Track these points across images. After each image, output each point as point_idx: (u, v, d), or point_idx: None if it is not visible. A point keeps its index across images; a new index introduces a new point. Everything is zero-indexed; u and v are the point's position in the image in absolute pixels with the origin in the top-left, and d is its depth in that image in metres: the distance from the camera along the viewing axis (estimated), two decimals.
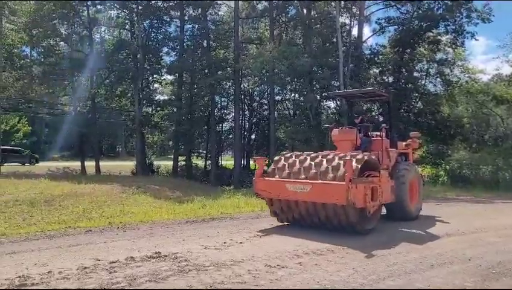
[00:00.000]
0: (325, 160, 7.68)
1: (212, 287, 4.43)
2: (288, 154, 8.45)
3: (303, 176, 7.62)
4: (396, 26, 26.85)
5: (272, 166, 8.35)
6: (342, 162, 7.32)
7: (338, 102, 25.84)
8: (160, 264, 5.27)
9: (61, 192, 13.49)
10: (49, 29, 26.50)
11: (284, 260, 5.61)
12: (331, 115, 27.00)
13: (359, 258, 5.84)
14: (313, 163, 7.78)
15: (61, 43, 29.78)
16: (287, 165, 8.11)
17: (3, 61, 25.32)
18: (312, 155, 8.10)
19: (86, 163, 26.39)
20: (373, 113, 24.77)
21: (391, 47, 27.67)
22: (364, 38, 28.46)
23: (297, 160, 8.08)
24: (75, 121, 27.58)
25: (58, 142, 36.43)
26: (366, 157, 7.50)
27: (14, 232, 7.77)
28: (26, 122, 36.75)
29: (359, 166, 7.22)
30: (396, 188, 8.49)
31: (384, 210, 8.95)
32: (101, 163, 27.78)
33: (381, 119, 20.95)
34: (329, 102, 28.39)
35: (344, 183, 6.80)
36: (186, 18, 29.68)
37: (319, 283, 4.71)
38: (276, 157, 8.55)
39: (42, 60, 28.27)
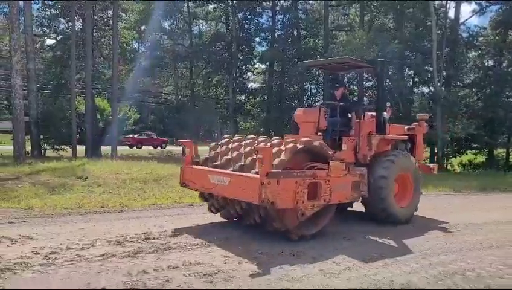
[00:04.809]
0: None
1: None
2: (225, 140, 6.98)
3: (230, 167, 6.25)
4: (498, 6, 25.21)
5: (208, 152, 7.07)
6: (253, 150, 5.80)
7: (431, 87, 25.17)
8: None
9: (167, 173, 15.41)
10: (155, 25, 29.45)
11: None
12: (423, 102, 26.24)
13: (421, 235, 6.52)
14: (242, 151, 6.36)
15: (165, 37, 32.79)
16: (221, 151, 6.73)
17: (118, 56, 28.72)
18: (248, 141, 6.60)
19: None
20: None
21: (492, 28, 26.06)
22: (462, 20, 27.08)
23: (231, 146, 6.66)
24: (177, 108, 30.50)
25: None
26: (301, 146, 5.90)
27: (133, 204, 9.46)
28: (136, 110, 40.97)
29: (287, 155, 5.73)
30: (374, 183, 7.08)
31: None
32: (200, 148, 30.21)
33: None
34: (424, 88, 27.66)
35: (258, 176, 5.32)
36: (278, 9, 30.75)
37: (377, 252, 5.53)
38: (213, 143, 7.21)
39: (149, 53, 31.57)
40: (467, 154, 26.62)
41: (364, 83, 27.45)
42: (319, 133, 7.68)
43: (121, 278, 4.19)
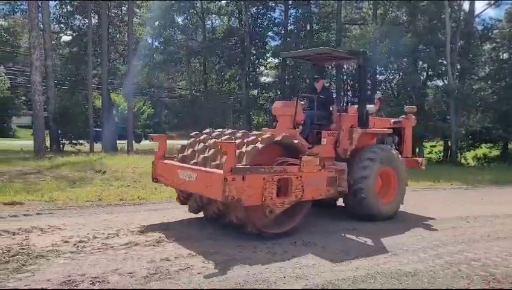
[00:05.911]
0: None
1: None
2: (206, 132, 6.82)
3: (195, 161, 6.10)
4: None
5: (182, 147, 6.77)
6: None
7: (445, 81, 25.02)
8: None
9: None
10: (168, 21, 29.81)
11: None
12: (437, 95, 26.09)
13: (430, 227, 6.74)
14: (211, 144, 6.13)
15: (178, 32, 33.10)
16: (193, 146, 6.50)
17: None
18: (227, 134, 6.44)
19: None
20: None
21: (508, 21, 25.80)
22: (477, 12, 26.80)
23: (204, 140, 6.43)
24: (191, 103, 30.89)
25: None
26: (274, 139, 5.67)
27: (151, 197, 9.80)
28: (150, 105, 41.52)
29: (257, 149, 5.47)
30: (353, 178, 6.74)
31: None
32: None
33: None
34: (438, 81, 27.48)
35: (221, 172, 5.12)
36: (290, 3, 30.80)
37: (386, 243, 5.76)
38: (192, 134, 6.91)
39: (163, 49, 31.91)
40: (481, 148, 26.47)
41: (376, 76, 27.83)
42: (300, 127, 7.53)
43: (145, 265, 4.50)
